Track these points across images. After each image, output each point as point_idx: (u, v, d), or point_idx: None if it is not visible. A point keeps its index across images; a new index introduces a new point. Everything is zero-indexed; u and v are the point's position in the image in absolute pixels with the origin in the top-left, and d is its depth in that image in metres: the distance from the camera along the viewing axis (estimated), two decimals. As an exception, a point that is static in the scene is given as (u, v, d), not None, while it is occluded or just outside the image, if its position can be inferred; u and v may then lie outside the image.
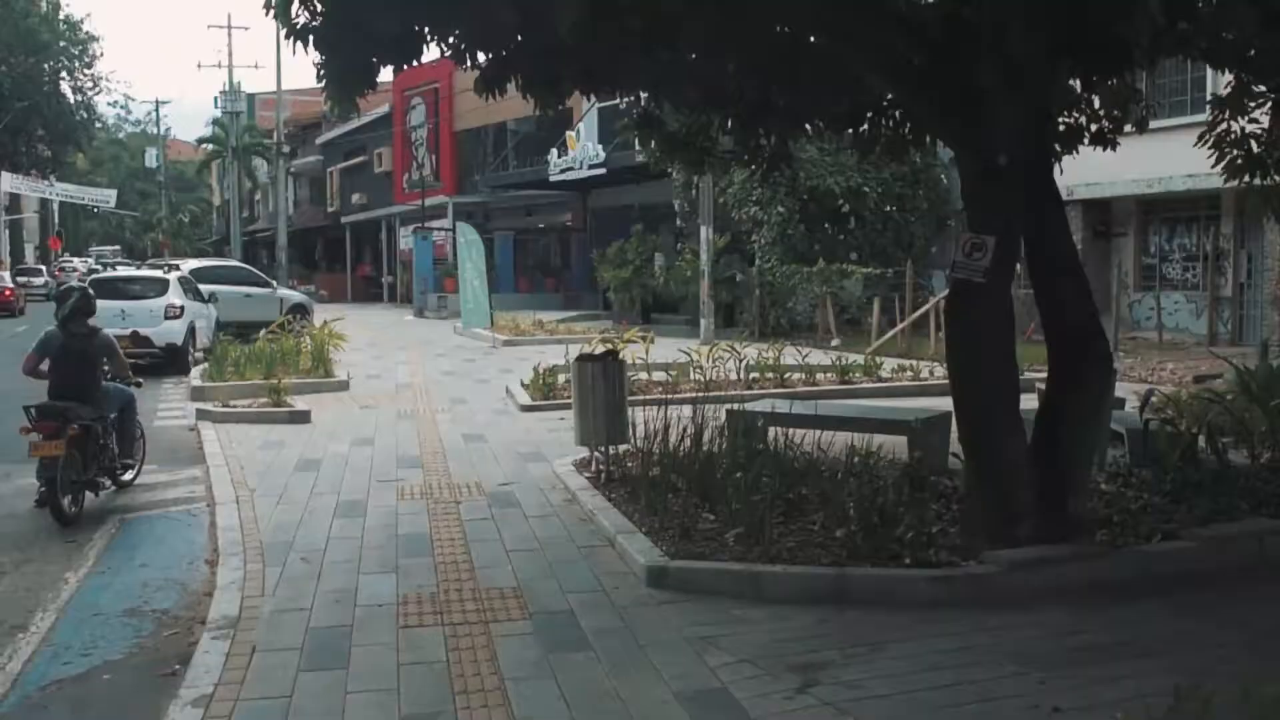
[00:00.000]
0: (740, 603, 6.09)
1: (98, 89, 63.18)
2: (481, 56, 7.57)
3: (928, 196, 25.84)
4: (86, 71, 60.67)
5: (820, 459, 8.52)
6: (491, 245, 34.44)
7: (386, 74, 7.78)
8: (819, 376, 15.54)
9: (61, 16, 57.56)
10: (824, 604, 6.06)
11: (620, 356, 9.19)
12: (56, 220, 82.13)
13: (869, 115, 9.10)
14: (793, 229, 24.33)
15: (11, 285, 37.66)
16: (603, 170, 29.31)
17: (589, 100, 8.24)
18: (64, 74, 58.23)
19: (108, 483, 9.07)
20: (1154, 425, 8.92)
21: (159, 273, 19.08)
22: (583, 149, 29.88)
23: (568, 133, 31.10)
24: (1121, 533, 7.02)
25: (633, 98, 8.78)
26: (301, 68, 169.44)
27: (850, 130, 9.23)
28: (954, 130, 7.16)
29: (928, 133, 8.35)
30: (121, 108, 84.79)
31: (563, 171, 30.69)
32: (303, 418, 12.82)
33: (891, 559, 6.48)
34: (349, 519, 8.12)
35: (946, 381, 15.56)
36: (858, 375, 15.68)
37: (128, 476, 9.39)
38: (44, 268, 52.61)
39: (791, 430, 9.17)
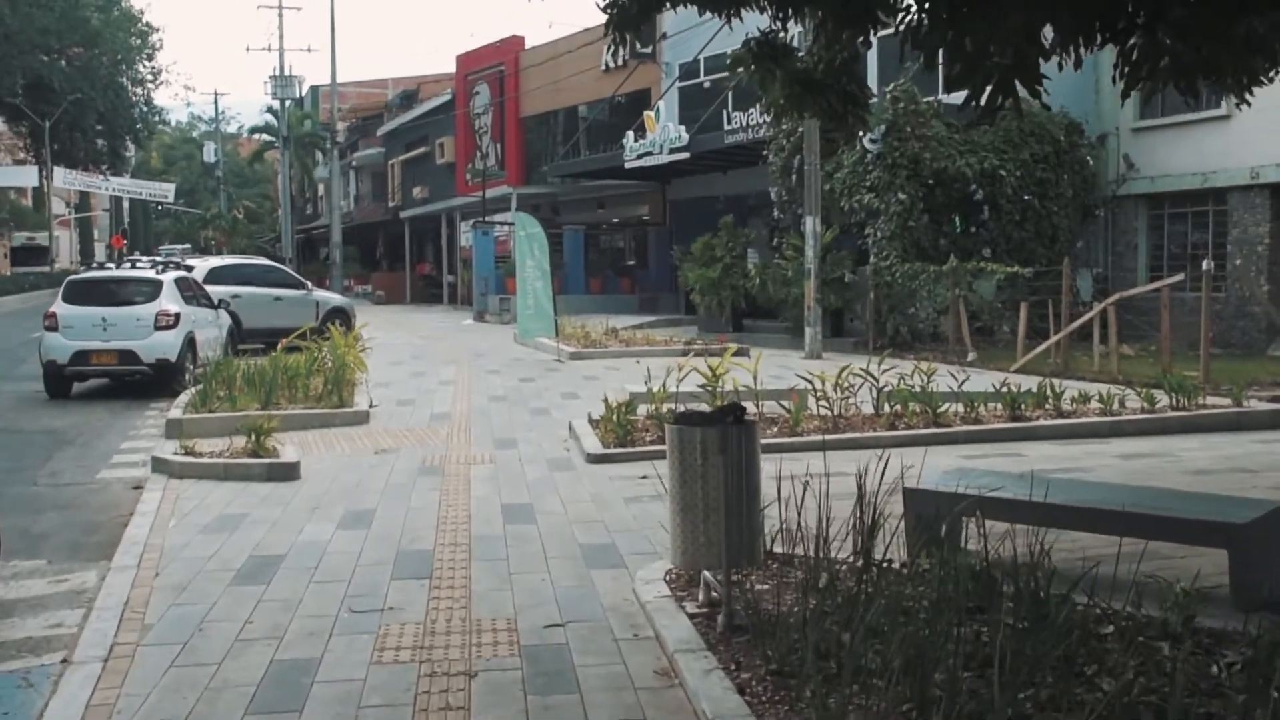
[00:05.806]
0: None
1: (157, 82, 61.18)
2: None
3: (1073, 182, 21.76)
4: (146, 64, 58.56)
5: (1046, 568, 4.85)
6: (560, 241, 30.89)
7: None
8: (980, 410, 11.73)
9: (118, 8, 55.34)
10: None
11: (748, 415, 5.42)
12: (126, 219, 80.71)
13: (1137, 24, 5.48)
14: (915, 220, 20.38)
15: None
16: (685, 155, 25.66)
17: (666, 29, 4.77)
18: (122, 65, 55.97)
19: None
20: None
21: (151, 273, 15.71)
22: (663, 130, 26.26)
23: (646, 113, 27.53)
24: None
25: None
26: (360, 56, 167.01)
27: (1112, 47, 5.60)
28: None
29: None
30: (185, 101, 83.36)
31: (640, 157, 27.03)
32: (286, 473, 9.30)
33: None
34: (271, 717, 4.54)
35: (1150, 417, 12.07)
36: (1030, 408, 11.83)
37: (-43, 599, 5.90)
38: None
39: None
